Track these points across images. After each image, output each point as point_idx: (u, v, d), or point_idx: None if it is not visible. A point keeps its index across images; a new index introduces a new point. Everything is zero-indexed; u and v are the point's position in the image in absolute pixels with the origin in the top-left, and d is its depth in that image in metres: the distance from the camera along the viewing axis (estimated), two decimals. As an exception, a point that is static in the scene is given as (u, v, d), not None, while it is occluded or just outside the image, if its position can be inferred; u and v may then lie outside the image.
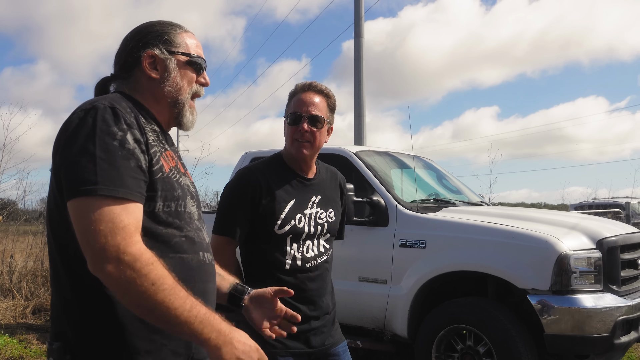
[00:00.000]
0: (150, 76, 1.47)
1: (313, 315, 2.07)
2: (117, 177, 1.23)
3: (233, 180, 2.09)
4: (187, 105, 1.52)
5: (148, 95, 1.48)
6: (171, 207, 1.38)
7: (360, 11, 10.88)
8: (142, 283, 1.18)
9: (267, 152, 4.90)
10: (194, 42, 1.55)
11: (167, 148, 1.45)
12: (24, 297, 7.06)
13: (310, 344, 2.05)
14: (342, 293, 3.74)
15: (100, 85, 1.53)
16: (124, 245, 1.18)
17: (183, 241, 1.40)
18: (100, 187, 1.20)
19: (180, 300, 1.21)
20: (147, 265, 1.19)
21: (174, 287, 1.22)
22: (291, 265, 2.03)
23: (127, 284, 1.18)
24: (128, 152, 1.26)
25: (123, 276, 1.17)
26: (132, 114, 1.34)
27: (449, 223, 4.09)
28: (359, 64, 10.80)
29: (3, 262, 7.75)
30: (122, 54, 1.51)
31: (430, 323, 3.92)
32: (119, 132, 1.27)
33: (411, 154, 5.35)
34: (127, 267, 1.17)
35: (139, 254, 1.19)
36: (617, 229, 4.12)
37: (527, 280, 3.58)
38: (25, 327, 6.23)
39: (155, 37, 1.49)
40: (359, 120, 10.73)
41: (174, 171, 1.42)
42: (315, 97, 2.08)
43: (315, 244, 2.10)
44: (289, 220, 2.02)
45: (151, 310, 1.20)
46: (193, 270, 1.41)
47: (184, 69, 1.51)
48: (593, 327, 3.46)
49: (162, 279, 1.20)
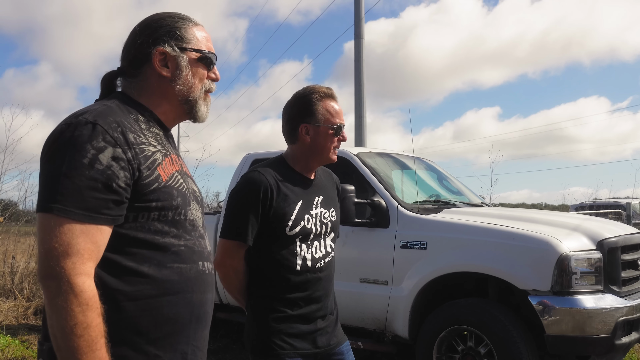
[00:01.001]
0: (160, 74, 1.42)
1: (320, 315, 2.09)
2: (78, 198, 1.19)
3: (242, 183, 2.06)
4: (200, 99, 1.48)
5: (157, 95, 1.44)
6: (168, 217, 1.34)
7: (361, 12, 10.90)
8: (66, 318, 1.14)
9: (269, 153, 4.92)
10: (204, 36, 1.50)
11: (170, 152, 1.42)
12: (25, 298, 7.08)
13: (317, 344, 2.06)
14: (343, 294, 3.75)
15: (106, 79, 1.48)
16: (70, 272, 1.15)
17: (182, 250, 1.37)
18: (57, 206, 1.17)
19: (91, 358, 1.15)
20: (82, 304, 1.15)
21: (95, 341, 1.16)
22: (301, 265, 2.04)
23: (54, 309, 1.15)
24: (97, 172, 1.21)
25: (55, 299, 1.15)
26: (118, 128, 1.28)
27: (449, 224, 4.09)
28: (359, 65, 10.82)
29: (5, 263, 7.77)
30: (130, 48, 1.45)
31: (431, 324, 3.92)
32: (91, 149, 1.22)
33: (412, 155, 5.36)
34: (61, 294, 1.14)
35: (81, 288, 1.15)
36: (618, 230, 4.12)
37: (528, 281, 3.59)
38: (27, 328, 6.25)
39: (165, 32, 1.43)
40: (359, 122, 10.74)
41: (176, 176, 1.39)
42: (338, 104, 2.16)
43: (322, 244, 2.12)
44: (299, 221, 2.03)
45: (58, 347, 1.17)
46: (191, 280, 1.38)
47: (196, 65, 1.46)
48: (594, 327, 3.46)
49: (87, 326, 1.15)
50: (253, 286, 2.09)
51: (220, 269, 2.06)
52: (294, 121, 2.11)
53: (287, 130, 2.14)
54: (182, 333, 1.36)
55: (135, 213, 1.29)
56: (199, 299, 1.39)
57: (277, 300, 2.03)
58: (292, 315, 2.02)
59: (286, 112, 2.16)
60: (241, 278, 2.09)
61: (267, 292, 2.05)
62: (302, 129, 2.10)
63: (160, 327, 1.31)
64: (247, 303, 2.12)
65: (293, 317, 2.02)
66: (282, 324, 2.01)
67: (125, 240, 1.29)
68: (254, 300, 2.08)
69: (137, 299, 1.29)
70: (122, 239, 1.29)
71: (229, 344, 5.65)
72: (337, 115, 2.12)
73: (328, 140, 2.10)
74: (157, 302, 1.31)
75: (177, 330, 1.35)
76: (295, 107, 2.13)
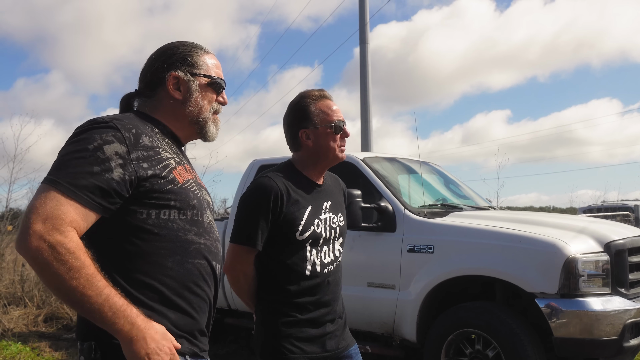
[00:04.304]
0: (173, 96, 1.57)
1: (329, 319, 2.10)
2: (71, 174, 1.30)
3: (252, 189, 2.07)
4: (209, 121, 1.62)
5: (169, 114, 1.58)
6: (187, 216, 1.46)
7: (366, 17, 10.94)
8: (59, 268, 1.23)
9: (275, 159, 4.95)
10: (214, 63, 1.64)
11: (184, 162, 1.55)
12: (35, 306, 7.13)
13: (326, 348, 2.07)
14: (351, 298, 3.76)
15: (125, 100, 1.63)
16: (51, 229, 1.24)
17: (202, 248, 1.49)
18: (50, 177, 1.30)
19: (95, 290, 1.25)
20: (68, 253, 1.24)
21: (92, 276, 1.26)
22: (311, 271, 2.05)
23: (43, 265, 1.23)
24: (96, 159, 1.32)
25: (40, 256, 1.23)
26: (132, 130, 1.41)
27: (456, 228, 4.11)
28: (364, 69, 10.85)
29: (15, 271, 7.83)
30: (147, 72, 1.61)
31: (439, 327, 3.93)
32: (99, 139, 1.34)
33: (418, 159, 5.38)
34: (46, 249, 1.23)
35: (63, 241, 1.24)
36: (625, 232, 4.11)
37: (535, 284, 3.60)
38: (37, 335, 6.29)
39: (179, 59, 1.58)
40: (365, 126, 10.76)
41: (191, 182, 1.51)
42: (333, 102, 2.16)
43: (331, 249, 2.14)
44: (309, 226, 2.04)
45: (65, 294, 1.26)
46: (208, 275, 1.51)
47: (205, 90, 1.61)
48: (602, 330, 3.46)
49: (80, 268, 1.24)
50: (263, 291, 2.11)
51: (230, 274, 2.09)
52: (293, 129, 2.13)
53: (289, 139, 2.17)
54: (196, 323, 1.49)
55: (157, 210, 1.41)
56: (210, 294, 1.54)
57: (287, 305, 2.04)
58: (301, 319, 2.04)
59: (285, 123, 2.18)
60: (251, 282, 2.11)
61: (276, 296, 2.06)
62: (302, 134, 2.11)
63: (179, 317, 1.43)
64: (256, 308, 2.15)
65: (302, 321, 2.04)
66: (292, 328, 2.03)
67: (150, 235, 1.40)
68: (263, 304, 2.10)
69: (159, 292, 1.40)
70: (147, 235, 1.40)
71: (237, 349, 5.67)
72: (334, 113, 2.11)
73: (330, 139, 2.10)
74: (177, 294, 1.43)
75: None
76: (291, 115, 2.15)
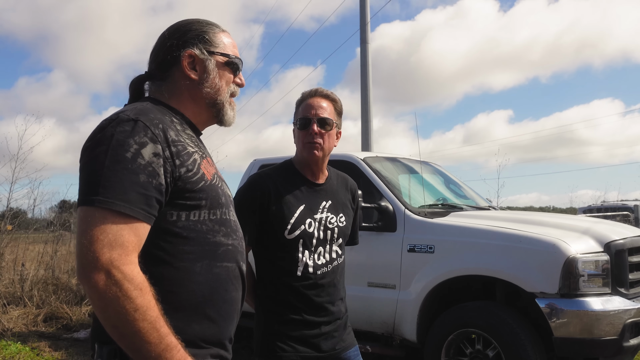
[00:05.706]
0: (189, 76, 1.44)
1: (324, 321, 2.09)
2: (121, 190, 1.18)
3: (243, 186, 2.13)
4: (227, 103, 1.50)
5: (185, 97, 1.45)
6: (217, 215, 1.36)
7: (366, 17, 10.94)
8: (125, 305, 1.12)
9: (276, 159, 4.95)
10: (230, 42, 1.51)
11: (206, 154, 1.43)
12: (35, 305, 7.13)
13: (320, 349, 2.07)
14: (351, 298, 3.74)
15: (134, 83, 1.49)
16: (118, 261, 1.14)
17: (230, 250, 1.39)
18: (99, 198, 1.17)
19: (156, 337, 1.15)
20: (137, 289, 1.14)
21: (156, 320, 1.16)
22: (302, 272, 2.05)
23: (109, 301, 1.12)
24: (139, 167, 1.21)
25: (108, 291, 1.12)
26: (159, 125, 1.29)
27: (457, 228, 4.11)
28: (365, 69, 10.85)
29: (14, 271, 7.83)
30: (159, 51, 1.47)
31: (439, 327, 3.93)
32: (134, 144, 1.22)
33: (419, 159, 5.38)
34: (114, 283, 1.12)
35: (132, 275, 1.14)
36: (625, 232, 4.12)
37: (535, 284, 3.60)
38: (37, 335, 6.29)
39: (194, 36, 1.45)
40: (366, 126, 10.76)
41: (217, 178, 1.40)
42: (322, 101, 2.13)
43: (327, 250, 2.12)
44: (298, 225, 2.04)
45: (124, 335, 1.15)
46: (236, 278, 1.41)
47: (223, 69, 1.48)
48: (602, 330, 3.46)
49: (147, 308, 1.14)
50: (258, 289, 2.13)
51: None
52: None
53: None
54: (224, 331, 1.39)
55: (187, 212, 1.31)
56: (235, 296, 1.42)
57: (280, 304, 2.05)
58: (294, 319, 2.04)
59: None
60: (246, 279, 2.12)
61: (270, 295, 2.08)
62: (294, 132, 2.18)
63: (206, 327, 1.34)
64: (255, 304, 2.15)
65: (295, 320, 2.04)
66: (284, 327, 2.03)
67: (178, 239, 1.30)
68: (259, 302, 2.12)
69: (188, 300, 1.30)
70: (174, 238, 1.29)
71: (237, 349, 5.67)
72: (308, 110, 2.11)
73: (296, 135, 2.16)
74: (205, 302, 1.33)
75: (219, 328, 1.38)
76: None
